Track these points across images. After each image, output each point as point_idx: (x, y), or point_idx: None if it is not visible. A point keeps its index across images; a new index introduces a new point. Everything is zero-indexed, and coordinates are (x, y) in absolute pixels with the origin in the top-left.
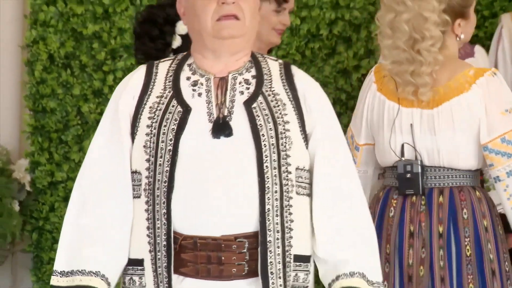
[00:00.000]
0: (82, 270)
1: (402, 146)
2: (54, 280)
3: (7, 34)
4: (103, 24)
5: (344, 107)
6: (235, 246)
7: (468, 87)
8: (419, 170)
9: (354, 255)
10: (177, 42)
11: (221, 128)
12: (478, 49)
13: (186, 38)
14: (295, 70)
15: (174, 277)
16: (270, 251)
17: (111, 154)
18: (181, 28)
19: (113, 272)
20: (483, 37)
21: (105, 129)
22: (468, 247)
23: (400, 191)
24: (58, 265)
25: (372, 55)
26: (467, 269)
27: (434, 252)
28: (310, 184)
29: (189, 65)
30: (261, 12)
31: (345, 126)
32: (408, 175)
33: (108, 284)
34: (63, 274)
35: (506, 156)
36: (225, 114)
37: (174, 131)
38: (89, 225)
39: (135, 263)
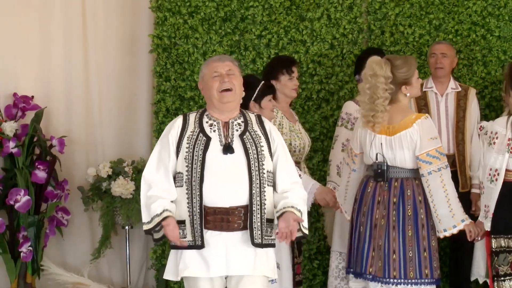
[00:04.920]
0: (155, 214)
1: (377, 154)
2: (144, 227)
3: (144, 97)
4: (196, 91)
5: None
6: (236, 212)
7: (411, 125)
8: (385, 168)
9: (292, 201)
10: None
11: (227, 149)
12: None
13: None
14: (263, 118)
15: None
16: (254, 216)
17: (161, 159)
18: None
19: (173, 211)
20: None
21: (158, 147)
22: (409, 210)
23: (374, 178)
24: (144, 219)
25: None
26: (408, 223)
27: (390, 212)
28: (273, 179)
29: (207, 115)
30: (282, 82)
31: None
32: (379, 170)
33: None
34: (147, 222)
35: (428, 163)
36: (229, 141)
37: (202, 150)
38: (154, 194)
39: (179, 222)
